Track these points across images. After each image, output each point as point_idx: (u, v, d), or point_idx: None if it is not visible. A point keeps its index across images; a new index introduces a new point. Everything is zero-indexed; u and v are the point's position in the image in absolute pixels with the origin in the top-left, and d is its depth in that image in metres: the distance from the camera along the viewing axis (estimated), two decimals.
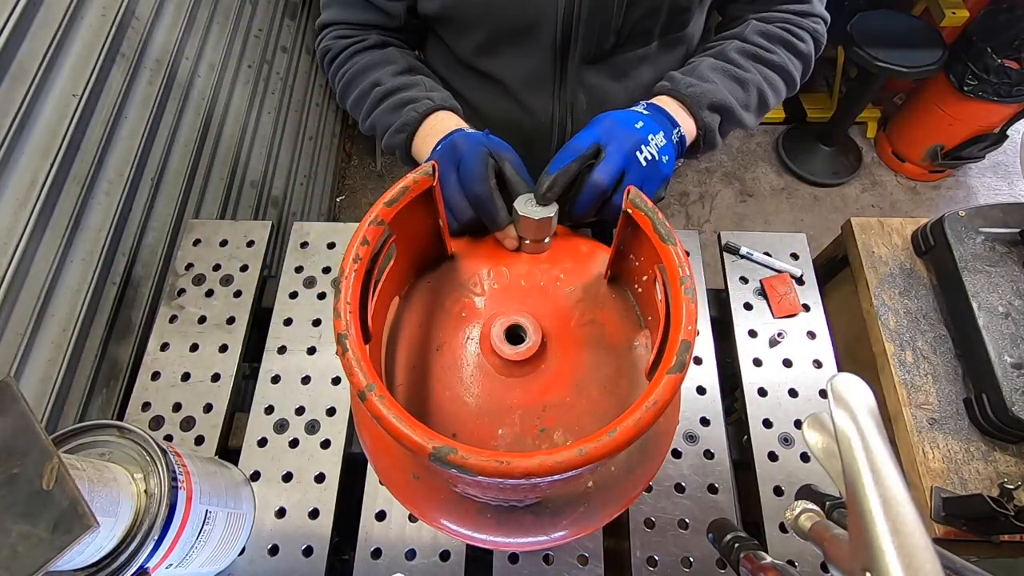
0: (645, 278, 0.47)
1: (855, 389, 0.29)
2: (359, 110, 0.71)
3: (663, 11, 0.67)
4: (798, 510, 0.40)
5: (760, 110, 0.68)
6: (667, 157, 0.57)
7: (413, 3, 0.71)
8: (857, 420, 0.28)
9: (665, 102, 0.62)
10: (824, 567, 0.67)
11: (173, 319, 0.81)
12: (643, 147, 0.54)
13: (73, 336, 0.78)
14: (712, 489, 0.71)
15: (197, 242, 0.88)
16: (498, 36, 0.69)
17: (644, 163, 0.54)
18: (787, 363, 0.80)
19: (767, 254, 0.88)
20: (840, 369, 0.82)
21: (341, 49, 0.73)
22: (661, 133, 0.57)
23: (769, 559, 0.42)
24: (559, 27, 0.66)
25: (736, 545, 0.45)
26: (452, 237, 0.53)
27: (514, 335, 0.45)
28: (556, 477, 0.33)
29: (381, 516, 0.69)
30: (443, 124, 0.63)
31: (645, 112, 0.58)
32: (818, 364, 0.80)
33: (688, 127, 0.62)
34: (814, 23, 0.70)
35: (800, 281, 0.86)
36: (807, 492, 0.45)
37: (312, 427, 0.74)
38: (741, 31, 0.69)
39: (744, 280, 0.86)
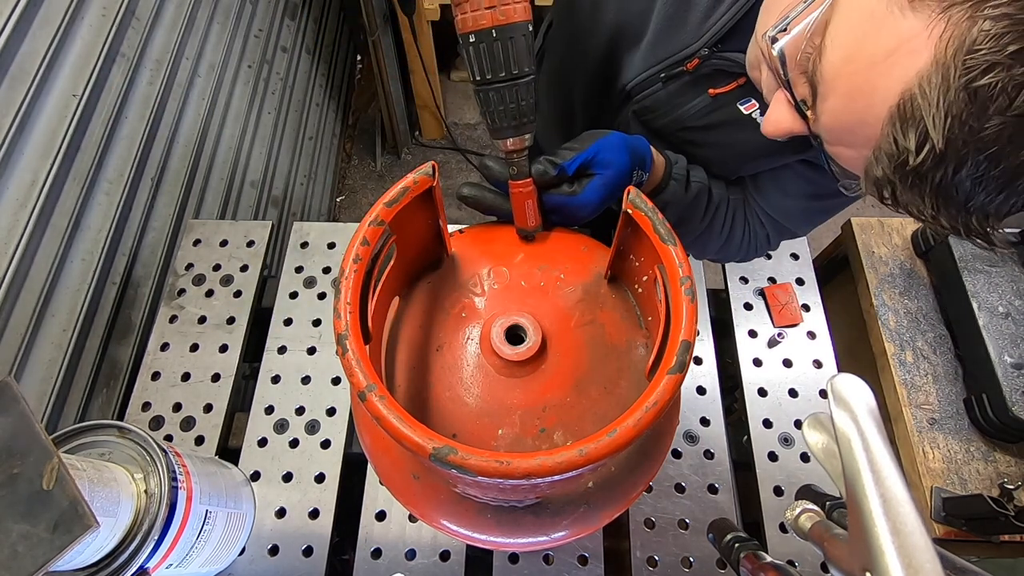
0: (645, 278, 0.47)
1: (855, 389, 0.29)
2: None
3: None
4: (798, 510, 0.40)
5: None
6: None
7: None
8: (857, 420, 0.28)
9: None
10: (824, 567, 0.67)
11: (173, 319, 0.81)
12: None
13: (73, 336, 0.78)
14: (712, 489, 0.71)
15: (197, 242, 0.88)
16: None
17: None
18: (787, 363, 0.80)
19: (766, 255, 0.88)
20: (840, 369, 0.82)
21: None
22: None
23: (769, 559, 0.42)
24: None
25: (736, 545, 0.45)
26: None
27: (514, 335, 0.45)
28: (556, 477, 0.33)
29: (381, 516, 0.69)
30: None
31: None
32: (818, 364, 0.80)
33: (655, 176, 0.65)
34: (761, 231, 0.73)
35: (800, 281, 0.86)
36: (807, 492, 0.45)
37: (312, 427, 0.74)
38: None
39: (744, 280, 0.86)
